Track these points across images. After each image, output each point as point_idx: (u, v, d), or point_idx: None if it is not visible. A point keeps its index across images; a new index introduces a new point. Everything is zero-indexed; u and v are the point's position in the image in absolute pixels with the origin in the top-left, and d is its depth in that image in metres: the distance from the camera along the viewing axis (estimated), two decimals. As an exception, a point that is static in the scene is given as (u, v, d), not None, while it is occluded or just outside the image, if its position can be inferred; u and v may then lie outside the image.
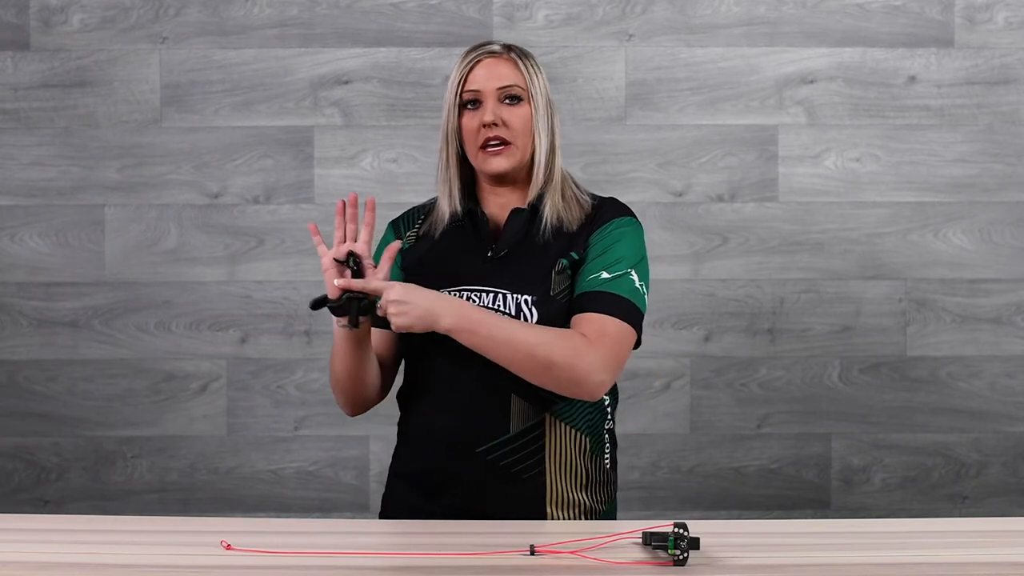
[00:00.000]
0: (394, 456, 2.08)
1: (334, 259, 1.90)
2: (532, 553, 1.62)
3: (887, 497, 3.05)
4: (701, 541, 1.58)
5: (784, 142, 3.03)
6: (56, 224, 3.02)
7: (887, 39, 3.03)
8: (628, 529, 1.70)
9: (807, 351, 3.05)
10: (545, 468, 1.95)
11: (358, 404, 2.03)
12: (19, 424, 3.03)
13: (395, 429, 2.08)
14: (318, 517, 3.00)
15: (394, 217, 2.13)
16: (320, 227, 3.00)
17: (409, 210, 2.13)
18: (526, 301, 1.92)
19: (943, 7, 3.03)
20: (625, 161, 3.03)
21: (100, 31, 3.01)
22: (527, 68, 1.99)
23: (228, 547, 1.66)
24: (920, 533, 1.86)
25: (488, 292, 1.94)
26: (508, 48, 2.00)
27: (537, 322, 1.90)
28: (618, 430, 2.98)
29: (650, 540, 1.62)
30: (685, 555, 1.56)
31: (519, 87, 1.97)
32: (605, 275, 1.92)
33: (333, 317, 1.91)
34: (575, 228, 1.98)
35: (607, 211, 2.01)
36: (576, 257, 1.96)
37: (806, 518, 2.96)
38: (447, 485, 1.96)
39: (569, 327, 1.92)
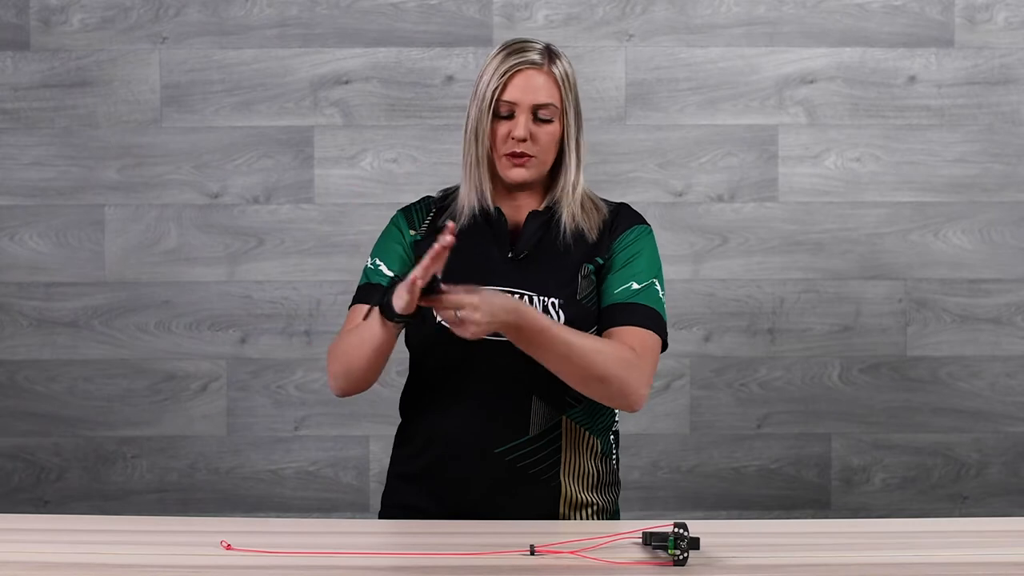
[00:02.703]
0: (395, 460, 2.07)
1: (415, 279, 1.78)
2: (532, 553, 1.62)
3: (887, 497, 3.05)
4: (701, 541, 1.58)
5: (784, 142, 3.03)
6: (56, 224, 3.02)
7: (887, 39, 3.03)
8: (628, 529, 1.70)
9: (807, 351, 3.04)
10: (560, 470, 1.97)
11: (356, 389, 1.97)
12: (19, 424, 3.03)
13: (395, 429, 2.08)
14: (318, 517, 3.00)
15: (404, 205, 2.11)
16: (319, 226, 3.01)
17: (422, 199, 2.11)
18: (553, 304, 1.94)
19: (943, 7, 3.03)
20: (625, 161, 3.03)
21: (100, 31, 3.01)
22: (563, 83, 1.97)
23: (228, 547, 1.66)
24: (920, 533, 1.86)
25: (516, 293, 1.94)
26: (548, 57, 1.97)
27: (565, 324, 1.89)
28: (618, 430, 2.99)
29: (650, 540, 1.62)
30: (685, 555, 1.56)
31: (554, 106, 1.97)
32: (635, 286, 1.96)
33: (385, 319, 1.82)
34: (595, 235, 2.00)
35: (625, 218, 2.04)
36: (601, 262, 1.99)
37: (806, 518, 2.96)
38: (459, 486, 1.95)
39: (593, 331, 1.94)
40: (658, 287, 1.98)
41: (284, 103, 3.02)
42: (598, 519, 2.00)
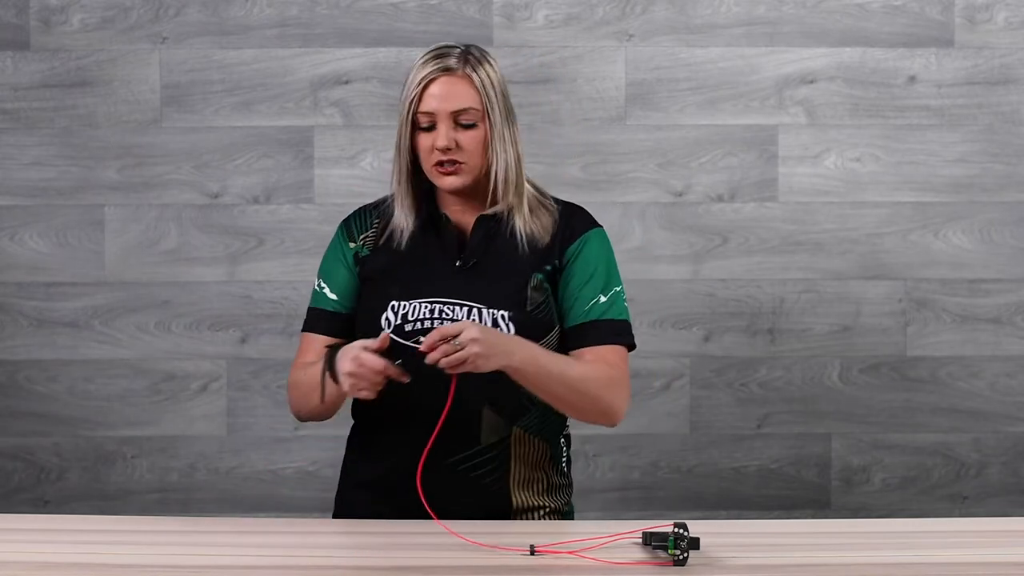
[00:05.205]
0: (349, 465, 2.07)
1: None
2: (532, 553, 1.62)
3: (887, 497, 3.05)
4: (701, 541, 1.58)
5: (784, 142, 3.03)
6: (56, 224, 3.02)
7: (887, 39, 3.03)
8: (628, 529, 1.70)
9: (807, 351, 3.04)
10: (509, 476, 1.96)
11: (318, 420, 2.04)
12: (19, 424, 3.03)
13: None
14: (318, 517, 3.00)
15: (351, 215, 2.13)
16: (319, 226, 3.01)
17: (359, 209, 2.11)
18: (503, 316, 1.91)
19: (943, 7, 3.03)
20: (625, 161, 3.03)
21: (100, 31, 3.01)
22: (484, 84, 1.92)
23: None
24: (920, 533, 1.86)
25: (463, 306, 1.92)
26: (464, 60, 1.93)
27: (515, 335, 1.90)
28: (618, 430, 2.98)
29: (650, 540, 1.62)
30: (685, 555, 1.56)
31: (474, 109, 1.92)
32: (603, 299, 1.95)
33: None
34: (547, 240, 1.96)
35: (578, 223, 2.00)
36: (551, 270, 1.95)
37: (806, 518, 2.96)
38: (411, 492, 1.91)
39: (544, 339, 1.92)
40: (624, 295, 1.99)
41: (284, 103, 3.02)
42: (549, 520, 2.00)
